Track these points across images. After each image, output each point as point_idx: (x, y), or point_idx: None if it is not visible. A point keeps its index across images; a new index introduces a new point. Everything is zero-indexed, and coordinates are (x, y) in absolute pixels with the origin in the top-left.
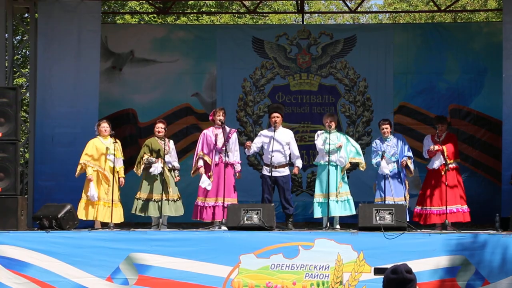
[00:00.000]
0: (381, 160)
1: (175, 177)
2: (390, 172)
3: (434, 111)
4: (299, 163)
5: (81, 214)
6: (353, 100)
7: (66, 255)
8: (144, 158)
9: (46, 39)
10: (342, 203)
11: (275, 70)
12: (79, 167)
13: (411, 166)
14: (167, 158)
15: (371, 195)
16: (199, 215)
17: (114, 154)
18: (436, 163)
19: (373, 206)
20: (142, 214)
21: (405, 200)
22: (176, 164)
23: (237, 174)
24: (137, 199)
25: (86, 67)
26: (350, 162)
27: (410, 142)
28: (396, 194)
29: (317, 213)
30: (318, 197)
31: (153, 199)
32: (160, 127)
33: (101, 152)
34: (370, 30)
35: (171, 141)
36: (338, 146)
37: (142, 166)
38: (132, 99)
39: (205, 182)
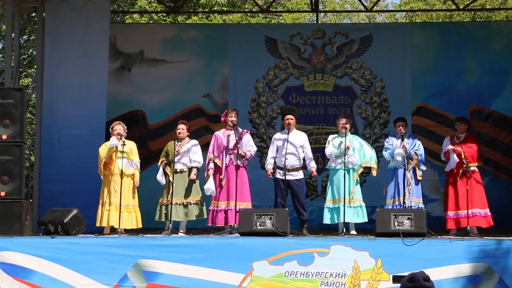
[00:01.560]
0: (402, 140)
1: (193, 175)
2: (400, 166)
3: (453, 113)
4: (313, 165)
5: (100, 221)
6: (370, 101)
7: (72, 262)
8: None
9: (54, 38)
10: (354, 209)
11: (289, 71)
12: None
13: (418, 164)
14: (179, 159)
15: None
16: (211, 220)
17: (123, 156)
18: (451, 165)
19: (391, 211)
20: (162, 220)
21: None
22: (194, 164)
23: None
24: (158, 204)
25: (94, 67)
26: (363, 167)
27: (429, 144)
28: (414, 194)
29: (327, 218)
30: (329, 203)
31: (163, 204)
32: (179, 128)
33: (101, 157)
34: (387, 29)
35: (192, 141)
36: (346, 148)
37: (160, 171)
38: (141, 100)
39: (208, 190)
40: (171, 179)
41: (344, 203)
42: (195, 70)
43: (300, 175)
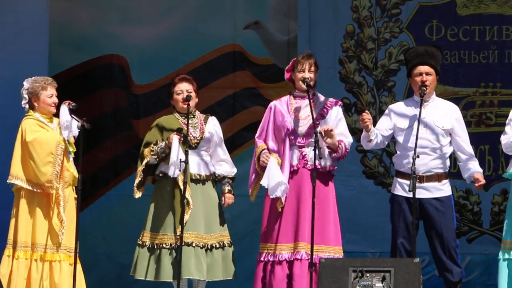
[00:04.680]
0: None
1: (225, 194)
2: None
3: None
4: (475, 167)
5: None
6: None
7: None
8: (145, 159)
9: None
10: None
11: None
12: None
13: None
14: (194, 155)
15: None
16: (262, 282)
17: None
18: None
19: None
20: (149, 279)
21: None
22: (225, 169)
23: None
24: (139, 245)
25: None
26: None
27: None
28: None
29: (503, 280)
30: (507, 247)
31: (165, 245)
32: (183, 89)
33: (49, 151)
34: None
35: (212, 119)
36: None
37: (139, 178)
38: (120, 35)
39: (274, 183)
40: (186, 195)
41: None
42: None
43: (445, 190)
